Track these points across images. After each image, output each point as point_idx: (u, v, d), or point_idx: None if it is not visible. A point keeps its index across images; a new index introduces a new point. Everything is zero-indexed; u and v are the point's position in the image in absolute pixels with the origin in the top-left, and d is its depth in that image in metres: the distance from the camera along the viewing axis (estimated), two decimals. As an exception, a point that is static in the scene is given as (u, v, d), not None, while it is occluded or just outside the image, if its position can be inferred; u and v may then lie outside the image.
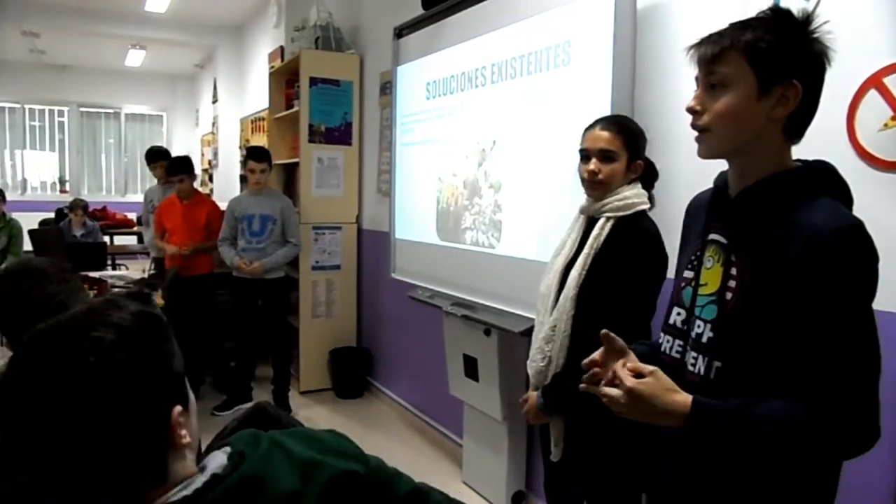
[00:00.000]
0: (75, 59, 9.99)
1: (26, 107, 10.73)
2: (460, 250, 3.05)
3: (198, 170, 6.43)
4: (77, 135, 11.05)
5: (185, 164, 4.38)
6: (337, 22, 4.64)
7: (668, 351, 1.26)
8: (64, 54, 9.50)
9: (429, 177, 3.32)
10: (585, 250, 1.81)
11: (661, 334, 1.29)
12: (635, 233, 1.79)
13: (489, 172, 2.82)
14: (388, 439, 3.82)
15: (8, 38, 8.23)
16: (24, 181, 10.78)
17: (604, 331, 1.19)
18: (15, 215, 5.79)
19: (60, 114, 10.97)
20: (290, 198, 4.44)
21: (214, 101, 8.72)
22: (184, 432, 0.81)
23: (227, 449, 0.85)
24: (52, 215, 8.07)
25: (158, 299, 4.00)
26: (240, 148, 7.67)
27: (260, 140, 6.40)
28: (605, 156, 1.81)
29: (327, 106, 4.48)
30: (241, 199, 4.22)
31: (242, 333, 4.25)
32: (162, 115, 11.52)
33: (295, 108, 4.66)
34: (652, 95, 2.23)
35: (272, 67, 5.31)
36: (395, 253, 3.71)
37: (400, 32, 3.63)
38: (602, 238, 1.80)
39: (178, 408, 0.80)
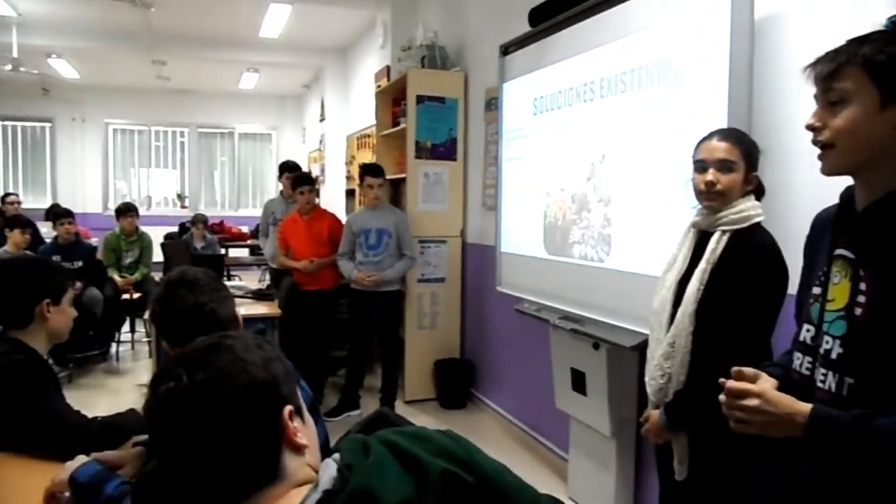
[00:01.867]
0: (196, 84, 10.74)
1: (152, 129, 11.63)
2: (568, 264, 3.06)
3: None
4: (195, 153, 11.83)
5: (309, 177, 4.60)
6: (442, 41, 4.78)
7: (798, 368, 1.25)
8: (186, 80, 10.23)
9: (535, 191, 3.36)
10: (702, 265, 1.79)
11: (794, 351, 1.28)
12: (754, 246, 1.76)
13: (598, 187, 2.83)
14: (492, 451, 3.77)
15: (140, 67, 8.97)
16: (149, 197, 11.64)
17: (735, 368, 1.21)
18: (143, 229, 6.26)
19: (181, 134, 11.80)
20: (397, 212, 4.58)
21: (322, 120, 9.10)
22: (299, 434, 0.89)
23: (337, 457, 0.88)
24: (174, 229, 8.67)
25: (275, 309, 4.24)
26: (346, 164, 7.97)
27: (365, 156, 6.63)
28: (724, 166, 1.79)
29: (433, 122, 4.62)
30: (358, 215, 4.41)
31: (355, 343, 4.42)
32: (272, 134, 12.13)
33: (402, 126, 4.82)
34: (769, 109, 2.17)
35: (379, 86, 5.51)
36: (501, 266, 3.76)
37: (506, 49, 3.70)
38: (718, 252, 1.78)
39: (289, 407, 0.88)
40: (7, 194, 7.62)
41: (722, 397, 1.19)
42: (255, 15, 6.86)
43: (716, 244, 1.79)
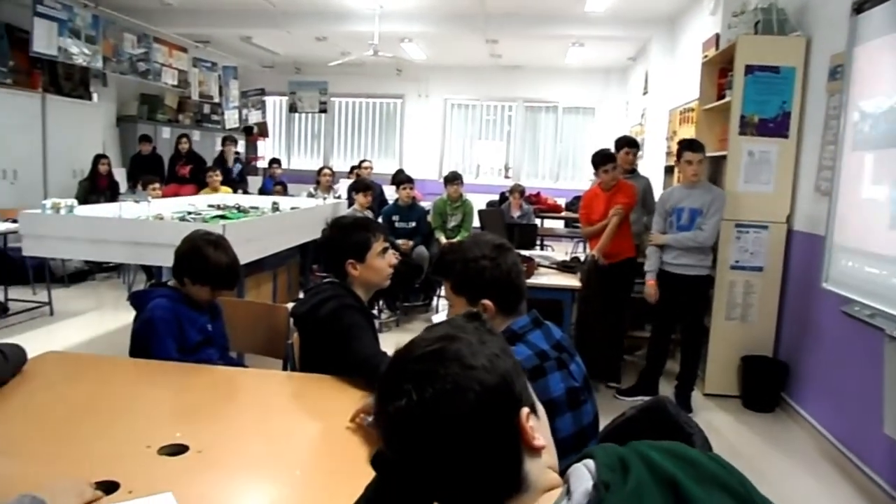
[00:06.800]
0: (524, 60, 11.25)
1: (483, 103, 12.53)
2: (917, 265, 2.55)
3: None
4: (521, 127, 12.45)
5: (612, 156, 4.54)
6: (782, 2, 4.26)
7: None
8: (515, 57, 10.78)
9: (885, 176, 2.84)
10: None
11: None
12: None
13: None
14: (797, 466, 3.44)
15: (475, 46, 9.71)
16: (478, 167, 12.61)
17: None
18: (468, 196, 6.82)
19: (509, 108, 12.50)
20: (715, 192, 4.26)
21: (645, 93, 8.83)
22: (537, 435, 0.83)
23: (591, 465, 0.81)
24: (496, 197, 9.29)
25: (574, 281, 4.30)
26: (666, 139, 7.65)
27: (687, 132, 6.28)
28: None
29: (763, 95, 4.17)
30: (674, 192, 4.23)
31: (659, 326, 4.29)
32: (594, 108, 12.16)
33: (726, 99, 4.45)
34: None
35: (705, 57, 5.15)
36: (831, 260, 3.28)
37: (860, 7, 3.15)
38: None
39: (525, 410, 0.84)
40: (362, 161, 8.93)
41: None
42: (582, -11, 6.90)
43: None
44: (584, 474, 0.79)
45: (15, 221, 4.72)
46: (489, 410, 0.81)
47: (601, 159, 4.50)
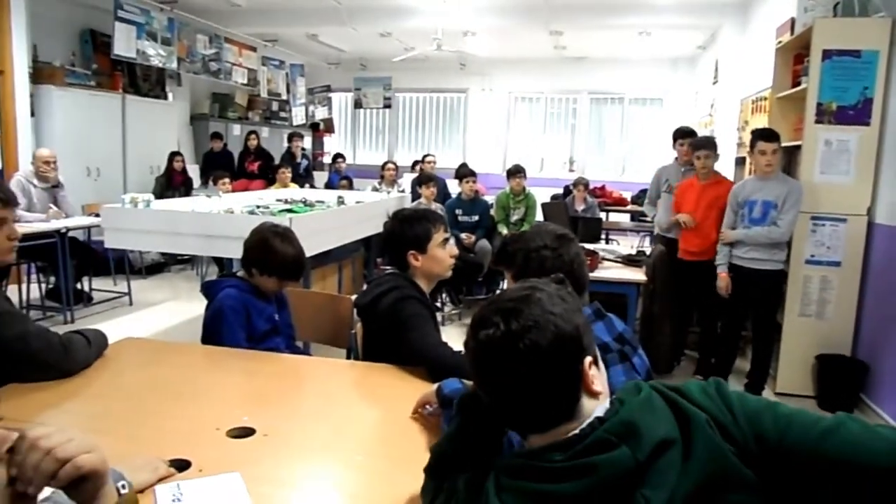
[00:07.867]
0: (589, 52, 11.06)
1: (547, 96, 12.39)
2: None
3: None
4: (586, 119, 12.26)
5: (710, 141, 4.39)
6: (866, -18, 4.05)
7: None
8: (580, 48, 10.61)
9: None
10: None
11: None
12: None
13: None
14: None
15: (539, 39, 9.61)
16: (542, 160, 12.49)
17: None
18: (532, 189, 6.77)
19: (573, 101, 12.31)
20: (789, 184, 4.08)
21: (714, 83, 8.56)
22: (595, 381, 0.98)
23: (613, 397, 1.00)
24: (560, 191, 9.18)
25: (642, 275, 4.22)
26: (738, 130, 7.39)
27: (760, 121, 6.05)
28: None
29: (842, 81, 3.97)
30: (746, 184, 4.07)
31: (730, 322, 4.15)
32: (661, 99, 11.85)
33: (802, 86, 4.26)
34: None
35: (779, 43, 4.94)
36: (914, 254, 3.11)
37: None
38: None
39: (589, 358, 0.99)
40: (426, 156, 8.98)
41: None
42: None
43: None
44: (607, 402, 0.99)
45: (98, 216, 4.97)
46: (560, 350, 0.95)
47: (701, 143, 4.36)
